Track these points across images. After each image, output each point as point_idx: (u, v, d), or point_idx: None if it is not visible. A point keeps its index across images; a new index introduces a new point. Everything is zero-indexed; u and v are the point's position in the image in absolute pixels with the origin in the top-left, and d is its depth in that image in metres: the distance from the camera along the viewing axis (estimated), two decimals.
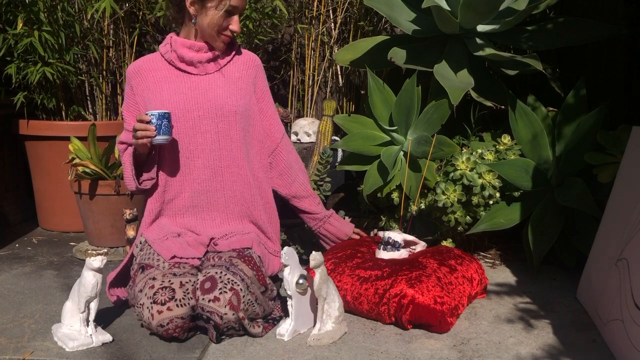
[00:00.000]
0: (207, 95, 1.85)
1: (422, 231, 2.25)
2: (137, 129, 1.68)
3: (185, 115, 1.83)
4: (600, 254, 1.79)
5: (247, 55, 1.97)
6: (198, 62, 1.85)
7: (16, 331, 1.62)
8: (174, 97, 1.83)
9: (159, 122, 1.67)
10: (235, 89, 1.89)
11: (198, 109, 1.83)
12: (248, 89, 1.92)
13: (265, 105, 1.98)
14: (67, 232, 2.67)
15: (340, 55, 2.44)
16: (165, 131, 1.68)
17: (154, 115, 1.67)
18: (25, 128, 2.61)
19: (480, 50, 2.21)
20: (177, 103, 1.82)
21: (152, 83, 1.86)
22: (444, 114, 2.16)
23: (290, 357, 1.49)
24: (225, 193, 1.86)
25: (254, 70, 1.96)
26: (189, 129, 1.83)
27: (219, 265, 1.67)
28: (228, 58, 1.91)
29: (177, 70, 1.87)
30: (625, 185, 1.72)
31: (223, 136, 1.85)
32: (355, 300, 1.73)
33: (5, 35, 2.42)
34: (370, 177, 2.20)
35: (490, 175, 2.08)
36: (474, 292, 1.82)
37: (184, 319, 1.56)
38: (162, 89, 1.84)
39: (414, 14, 2.35)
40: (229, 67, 1.91)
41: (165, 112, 1.69)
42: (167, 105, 1.82)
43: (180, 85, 1.85)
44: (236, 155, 1.86)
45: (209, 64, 1.87)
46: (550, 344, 1.59)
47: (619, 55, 2.38)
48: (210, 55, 1.86)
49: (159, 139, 1.69)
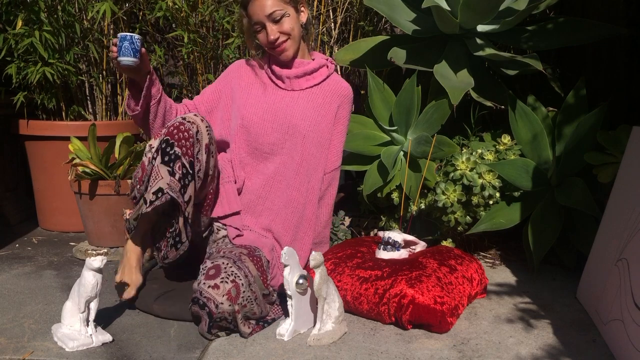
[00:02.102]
0: (285, 110, 1.94)
1: (422, 231, 2.25)
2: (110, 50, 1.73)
3: (260, 124, 1.92)
4: (600, 254, 1.79)
5: (339, 84, 2.02)
6: (286, 77, 1.95)
7: (16, 331, 1.62)
8: (257, 103, 1.95)
9: (120, 43, 1.68)
10: (313, 113, 1.95)
11: (273, 120, 1.93)
12: (327, 116, 1.97)
13: (335, 136, 2.01)
14: (67, 232, 2.67)
15: (340, 55, 2.44)
16: (126, 53, 1.68)
17: (118, 37, 1.69)
18: (25, 128, 2.61)
19: (480, 50, 2.21)
20: (257, 109, 1.94)
21: (246, 83, 1.99)
22: (444, 114, 2.16)
23: (290, 357, 1.49)
24: (266, 204, 1.93)
25: (338, 98, 2.00)
26: (260, 135, 1.92)
27: (228, 257, 1.69)
28: (317, 80, 1.97)
29: (270, 80, 1.99)
30: (625, 185, 1.72)
31: (286, 153, 1.93)
32: (355, 300, 1.73)
33: (5, 35, 2.42)
34: (370, 177, 2.20)
35: (490, 175, 2.08)
36: (474, 292, 1.82)
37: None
38: (251, 92, 1.98)
39: (414, 14, 2.35)
40: (315, 90, 1.98)
41: (127, 34, 1.69)
42: (246, 108, 1.94)
43: (266, 93, 1.97)
44: (290, 174, 1.92)
45: (297, 80, 1.96)
46: (550, 344, 1.59)
47: (619, 55, 2.38)
48: (298, 72, 1.95)
49: (122, 60, 1.69)
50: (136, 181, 1.75)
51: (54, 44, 2.45)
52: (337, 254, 1.93)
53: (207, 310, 1.58)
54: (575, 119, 2.15)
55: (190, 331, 1.64)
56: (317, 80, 1.97)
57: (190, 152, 1.69)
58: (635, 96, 2.32)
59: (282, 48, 1.89)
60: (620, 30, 2.21)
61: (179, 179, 1.67)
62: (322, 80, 1.98)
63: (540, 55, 2.09)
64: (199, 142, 1.71)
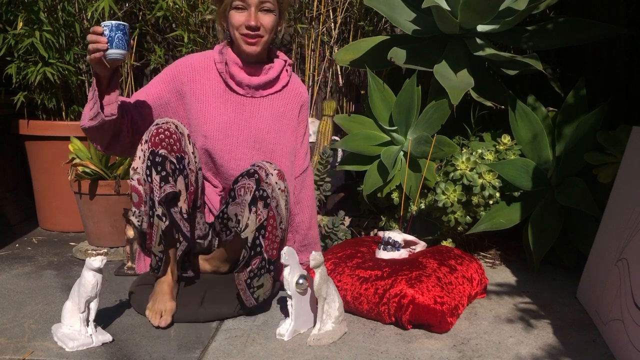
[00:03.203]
0: (249, 123, 1.84)
1: (422, 231, 2.25)
2: (90, 41, 1.50)
3: (224, 140, 1.82)
4: (600, 254, 1.79)
5: (298, 89, 1.94)
6: (248, 85, 1.83)
7: (16, 331, 1.62)
8: (218, 117, 1.82)
9: (112, 34, 1.49)
10: (277, 124, 1.88)
11: (239, 134, 1.83)
12: (291, 124, 1.92)
13: (299, 140, 1.97)
14: (67, 232, 2.67)
15: (340, 55, 2.44)
16: (119, 45, 1.49)
17: (107, 26, 1.48)
18: (25, 128, 2.61)
19: (480, 50, 2.21)
20: (220, 124, 1.82)
21: (201, 91, 1.83)
22: (444, 114, 2.16)
23: (290, 357, 1.49)
24: None
25: (299, 104, 1.94)
26: (225, 152, 1.83)
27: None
28: (278, 87, 1.88)
29: (225, 84, 1.84)
30: (625, 185, 1.72)
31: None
32: (355, 300, 1.73)
33: (5, 35, 2.42)
34: (370, 177, 2.20)
35: (490, 175, 2.08)
36: (474, 292, 1.82)
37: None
38: (209, 102, 1.83)
39: (414, 14, 2.35)
40: (277, 97, 1.89)
41: (120, 23, 1.50)
42: (211, 124, 1.81)
43: (226, 104, 1.84)
44: None
45: (259, 91, 1.86)
46: (550, 344, 1.59)
47: (619, 55, 2.38)
48: (260, 81, 1.83)
49: (113, 53, 1.50)
50: (137, 210, 1.66)
51: (54, 43, 2.45)
52: (337, 254, 1.93)
53: (256, 177, 1.63)
54: (575, 119, 2.15)
55: (190, 331, 1.64)
56: (278, 87, 1.89)
57: (176, 148, 1.65)
58: (635, 96, 2.32)
59: (254, 40, 1.77)
60: (620, 30, 2.21)
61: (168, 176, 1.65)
62: (283, 87, 1.90)
63: (540, 55, 2.09)
64: (182, 135, 1.68)
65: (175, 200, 1.67)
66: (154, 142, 1.62)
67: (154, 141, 1.62)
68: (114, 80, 1.61)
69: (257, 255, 1.68)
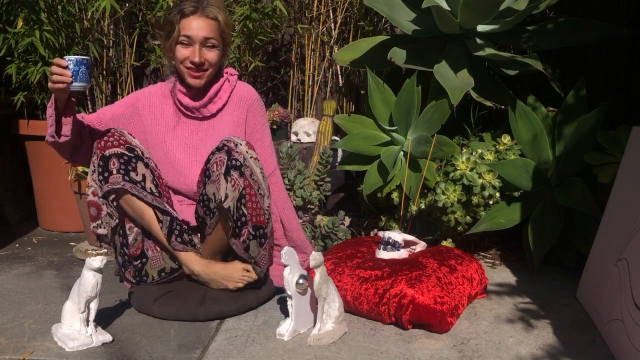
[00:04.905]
0: (205, 142, 1.90)
1: (422, 231, 2.25)
2: (54, 73, 1.59)
3: (180, 161, 1.89)
4: (600, 254, 1.79)
5: (241, 92, 1.96)
6: (194, 108, 1.91)
7: (16, 331, 1.62)
8: (174, 140, 1.91)
9: (76, 68, 1.59)
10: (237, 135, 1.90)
11: (196, 153, 1.89)
12: (240, 133, 1.94)
13: (257, 145, 1.95)
14: (67, 232, 2.67)
15: (340, 55, 2.44)
16: (83, 78, 1.61)
17: (71, 60, 1.59)
18: (25, 128, 2.61)
19: (480, 50, 2.21)
20: (178, 147, 1.90)
21: (160, 115, 1.94)
22: (444, 114, 2.16)
23: (290, 357, 1.49)
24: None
25: (244, 110, 1.95)
26: (180, 174, 1.88)
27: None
28: (223, 100, 1.93)
29: (179, 110, 1.93)
30: (625, 185, 1.72)
31: None
32: (355, 300, 1.73)
33: (5, 35, 2.42)
34: (370, 177, 2.20)
35: (490, 175, 2.08)
36: (474, 292, 1.82)
37: None
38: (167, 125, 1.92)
39: (414, 14, 2.35)
40: (227, 110, 1.94)
41: (84, 58, 1.60)
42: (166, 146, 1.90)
43: (180, 126, 1.93)
44: None
45: (205, 109, 1.92)
46: (550, 344, 1.59)
47: (619, 55, 2.38)
48: (203, 101, 1.90)
49: (76, 86, 1.61)
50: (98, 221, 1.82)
51: (54, 43, 2.45)
52: (337, 254, 1.93)
53: (226, 149, 1.68)
54: (575, 119, 2.15)
55: (190, 331, 1.64)
56: (223, 100, 1.92)
57: (123, 141, 1.77)
58: (635, 96, 2.32)
59: (199, 74, 1.85)
60: (620, 30, 2.21)
61: (117, 171, 1.73)
62: (228, 98, 1.93)
63: (540, 55, 2.09)
64: (123, 133, 1.80)
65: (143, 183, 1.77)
66: (101, 147, 1.75)
67: (101, 146, 1.75)
68: (70, 103, 1.71)
69: (244, 226, 1.72)
